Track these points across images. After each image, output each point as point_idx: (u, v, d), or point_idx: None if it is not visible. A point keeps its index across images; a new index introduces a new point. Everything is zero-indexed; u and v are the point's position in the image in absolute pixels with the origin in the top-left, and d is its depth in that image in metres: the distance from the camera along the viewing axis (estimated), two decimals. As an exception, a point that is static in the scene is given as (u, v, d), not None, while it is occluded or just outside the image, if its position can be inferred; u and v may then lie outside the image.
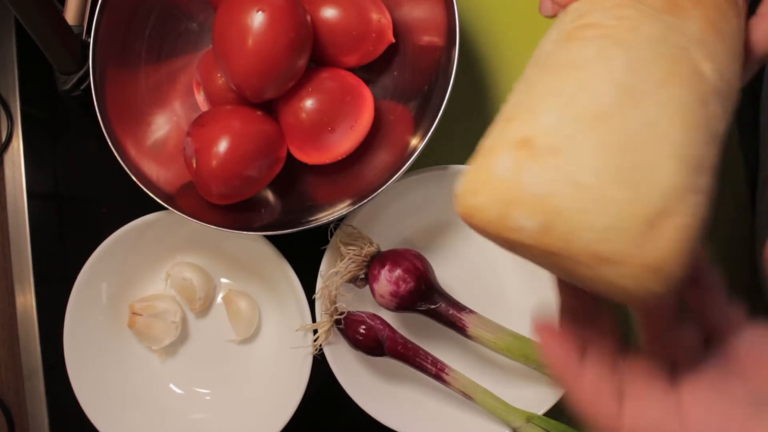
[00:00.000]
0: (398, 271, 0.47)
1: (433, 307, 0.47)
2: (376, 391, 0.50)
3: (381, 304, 0.48)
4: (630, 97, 0.33)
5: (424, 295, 0.47)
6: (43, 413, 0.56)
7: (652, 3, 0.36)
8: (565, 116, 0.32)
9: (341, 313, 0.48)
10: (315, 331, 0.49)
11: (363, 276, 0.49)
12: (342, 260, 0.48)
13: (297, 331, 0.50)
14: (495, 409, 0.47)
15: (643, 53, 0.34)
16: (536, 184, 0.29)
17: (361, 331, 0.48)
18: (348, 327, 0.48)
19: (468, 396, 0.47)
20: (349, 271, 0.48)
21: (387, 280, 0.47)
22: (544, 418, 0.47)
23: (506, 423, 0.48)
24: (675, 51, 0.35)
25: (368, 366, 0.51)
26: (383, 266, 0.47)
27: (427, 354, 0.48)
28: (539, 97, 0.34)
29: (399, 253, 0.48)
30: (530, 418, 0.47)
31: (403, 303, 0.47)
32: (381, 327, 0.48)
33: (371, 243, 0.49)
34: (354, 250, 0.48)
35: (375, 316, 0.49)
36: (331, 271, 0.48)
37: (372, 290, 0.48)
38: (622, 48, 0.33)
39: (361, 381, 0.50)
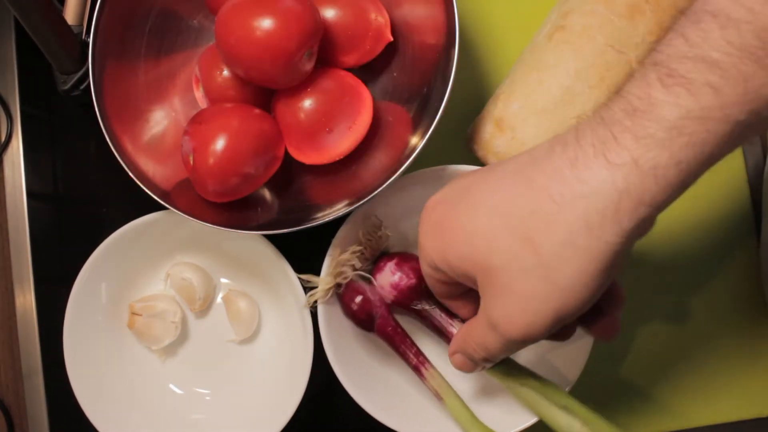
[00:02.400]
0: (404, 267, 0.48)
1: (427, 308, 0.48)
2: (368, 381, 0.50)
3: (380, 294, 0.49)
4: (568, 96, 0.49)
5: (422, 295, 0.47)
6: (42, 413, 0.56)
7: (619, 8, 0.49)
8: (525, 106, 0.50)
9: (345, 277, 0.48)
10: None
11: (369, 267, 0.49)
12: (356, 246, 0.49)
13: (300, 276, 0.50)
14: (459, 416, 0.47)
15: (588, 61, 0.49)
16: (499, 147, 0.51)
17: (357, 300, 0.48)
18: (346, 293, 0.48)
19: (439, 397, 0.47)
20: (361, 254, 0.49)
21: (391, 271, 0.48)
22: None
23: None
24: (614, 57, 0.49)
25: (361, 355, 0.51)
26: (391, 260, 0.48)
27: (413, 344, 0.48)
28: (515, 86, 0.51)
29: (409, 255, 0.49)
30: None
31: (401, 297, 0.48)
32: (378, 304, 0.48)
33: (388, 238, 0.50)
34: (371, 240, 0.49)
35: (376, 293, 0.49)
36: (351, 248, 0.49)
37: (374, 279, 0.49)
38: (576, 54, 0.49)
39: (353, 366, 0.50)
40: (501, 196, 0.36)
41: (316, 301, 0.48)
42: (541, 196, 0.34)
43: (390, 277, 0.48)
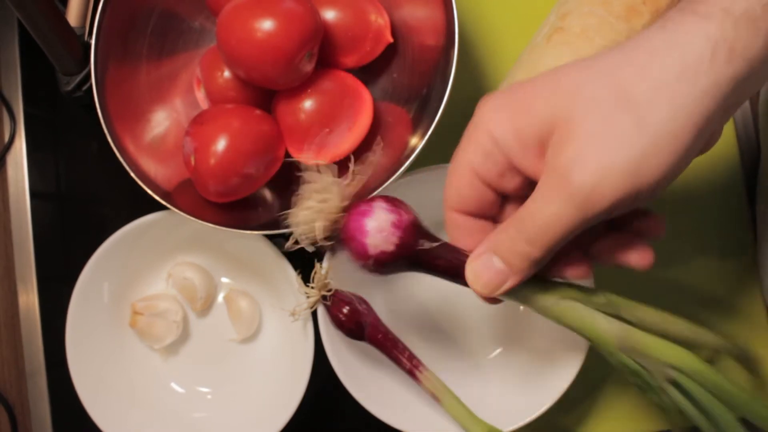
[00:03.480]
0: (395, 202, 0.38)
1: (435, 244, 0.38)
2: (368, 381, 0.50)
3: (371, 253, 0.37)
4: None
5: (425, 233, 0.38)
6: (45, 411, 0.56)
7: (616, 10, 0.49)
8: None
9: (329, 290, 0.47)
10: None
11: (335, 231, 0.39)
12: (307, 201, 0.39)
13: (297, 289, 0.49)
14: (459, 416, 0.47)
15: None
16: None
17: (345, 311, 0.47)
18: (333, 305, 0.48)
19: (436, 398, 0.47)
20: (323, 214, 0.38)
21: (385, 209, 0.37)
22: None
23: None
24: None
25: (361, 355, 0.51)
26: (371, 200, 0.38)
27: (405, 348, 0.48)
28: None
29: (381, 195, 0.39)
30: (491, 431, 0.47)
31: (407, 237, 0.37)
32: (366, 312, 0.48)
33: (340, 186, 0.39)
34: (321, 193, 0.38)
35: (363, 301, 0.49)
36: (300, 206, 0.39)
37: (357, 235, 0.37)
38: (574, 56, 0.48)
39: (354, 366, 0.50)
40: (584, 61, 0.32)
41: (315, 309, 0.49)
42: (633, 52, 0.31)
43: (387, 216, 0.37)
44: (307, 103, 0.48)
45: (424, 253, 0.38)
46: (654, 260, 0.36)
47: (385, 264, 0.37)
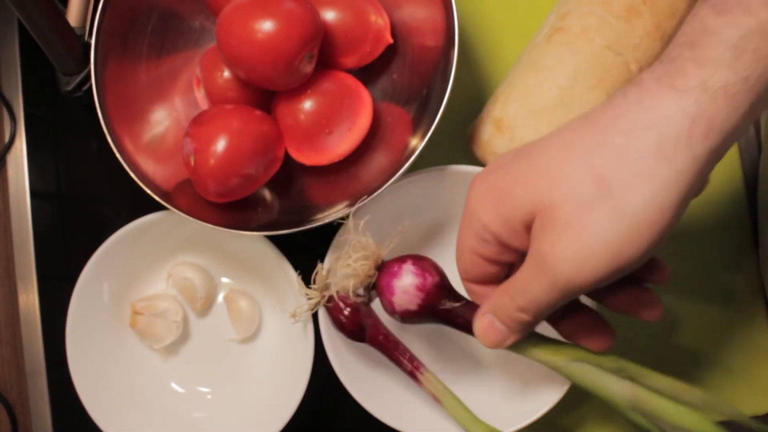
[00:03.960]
0: (424, 265, 0.43)
1: (456, 305, 0.42)
2: (369, 381, 0.50)
3: (396, 311, 0.43)
4: (566, 97, 0.49)
5: (447, 293, 0.43)
6: (45, 411, 0.56)
7: (616, 10, 0.49)
8: (523, 106, 0.50)
9: (330, 292, 0.48)
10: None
11: (367, 288, 0.45)
12: (349, 261, 0.44)
13: (299, 291, 0.49)
14: (460, 417, 0.47)
15: (586, 62, 0.49)
16: (498, 148, 0.51)
17: (346, 313, 0.47)
18: (334, 307, 0.47)
19: (437, 399, 0.47)
20: (357, 276, 0.44)
21: (412, 273, 0.42)
22: None
23: None
24: (612, 59, 0.48)
25: (361, 355, 0.51)
26: (403, 261, 0.43)
27: (406, 350, 0.48)
28: (514, 87, 0.51)
29: (415, 255, 0.44)
30: None
31: (429, 299, 0.42)
32: (367, 314, 0.48)
33: (378, 253, 0.45)
34: (361, 260, 0.44)
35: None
36: (341, 263, 0.44)
37: (386, 293, 0.43)
38: (574, 56, 0.49)
39: (354, 366, 0.50)
40: (563, 139, 0.33)
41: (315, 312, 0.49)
42: (608, 131, 0.32)
43: (413, 279, 0.42)
44: (307, 104, 0.48)
45: (445, 312, 0.42)
46: (662, 313, 0.38)
47: (409, 319, 0.43)
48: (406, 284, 0.42)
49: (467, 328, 0.42)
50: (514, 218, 0.34)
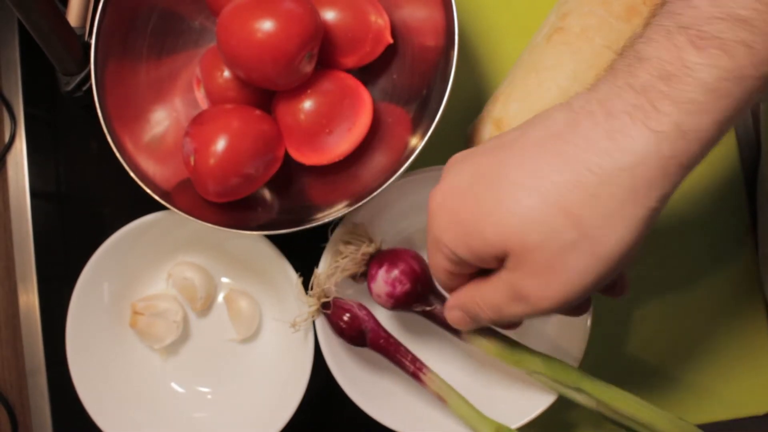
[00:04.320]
0: (395, 272, 0.47)
1: (428, 309, 0.47)
2: (367, 384, 0.51)
3: (378, 303, 0.48)
4: (566, 97, 0.44)
5: (420, 297, 0.47)
6: (45, 411, 0.56)
7: (616, 10, 0.50)
8: (523, 106, 0.50)
9: (328, 298, 0.48)
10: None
11: (362, 273, 0.49)
12: (341, 257, 0.48)
13: (298, 298, 0.50)
14: (466, 416, 0.47)
15: (586, 62, 0.49)
16: None
17: (345, 319, 0.48)
18: (334, 313, 0.48)
19: (442, 399, 0.48)
20: (347, 269, 0.48)
21: (384, 281, 0.47)
22: (514, 431, 0.48)
23: (474, 431, 0.48)
24: (612, 59, 0.46)
25: (359, 358, 0.51)
26: (381, 266, 0.47)
27: (407, 352, 0.49)
28: (514, 87, 0.51)
29: (397, 254, 0.48)
30: (499, 429, 0.47)
31: (399, 304, 0.47)
32: (366, 318, 0.48)
33: (371, 241, 0.49)
34: (353, 248, 0.48)
35: (362, 307, 0.49)
36: (331, 265, 0.49)
37: (369, 289, 0.48)
38: (574, 56, 0.50)
39: (352, 370, 0.51)
40: (528, 171, 0.34)
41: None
42: (578, 169, 0.32)
43: (384, 287, 0.47)
44: (307, 104, 0.48)
45: (422, 313, 0.48)
46: (629, 292, 0.41)
47: (394, 306, 0.48)
48: (379, 290, 0.47)
49: (442, 324, 0.47)
50: (485, 252, 0.35)
